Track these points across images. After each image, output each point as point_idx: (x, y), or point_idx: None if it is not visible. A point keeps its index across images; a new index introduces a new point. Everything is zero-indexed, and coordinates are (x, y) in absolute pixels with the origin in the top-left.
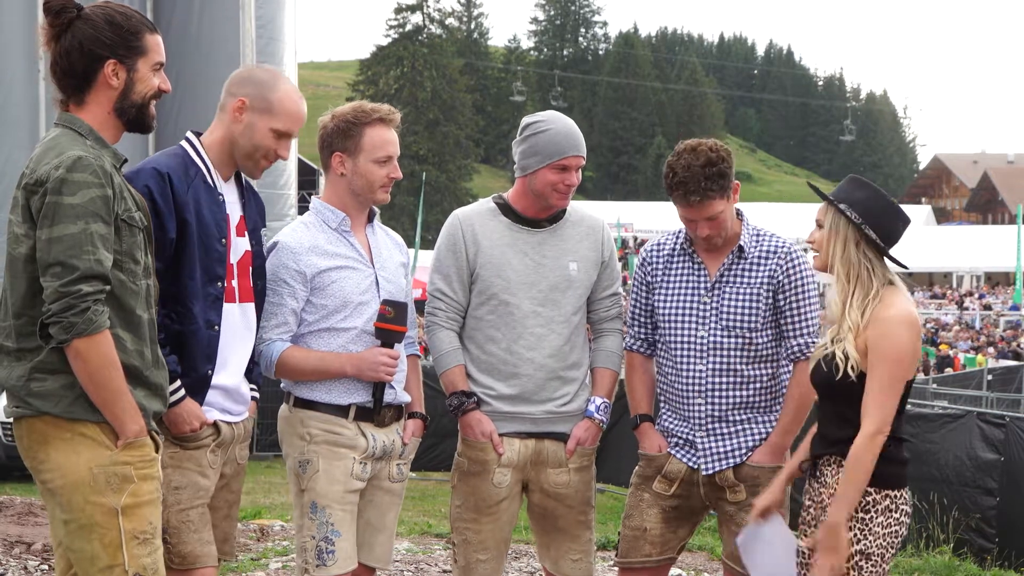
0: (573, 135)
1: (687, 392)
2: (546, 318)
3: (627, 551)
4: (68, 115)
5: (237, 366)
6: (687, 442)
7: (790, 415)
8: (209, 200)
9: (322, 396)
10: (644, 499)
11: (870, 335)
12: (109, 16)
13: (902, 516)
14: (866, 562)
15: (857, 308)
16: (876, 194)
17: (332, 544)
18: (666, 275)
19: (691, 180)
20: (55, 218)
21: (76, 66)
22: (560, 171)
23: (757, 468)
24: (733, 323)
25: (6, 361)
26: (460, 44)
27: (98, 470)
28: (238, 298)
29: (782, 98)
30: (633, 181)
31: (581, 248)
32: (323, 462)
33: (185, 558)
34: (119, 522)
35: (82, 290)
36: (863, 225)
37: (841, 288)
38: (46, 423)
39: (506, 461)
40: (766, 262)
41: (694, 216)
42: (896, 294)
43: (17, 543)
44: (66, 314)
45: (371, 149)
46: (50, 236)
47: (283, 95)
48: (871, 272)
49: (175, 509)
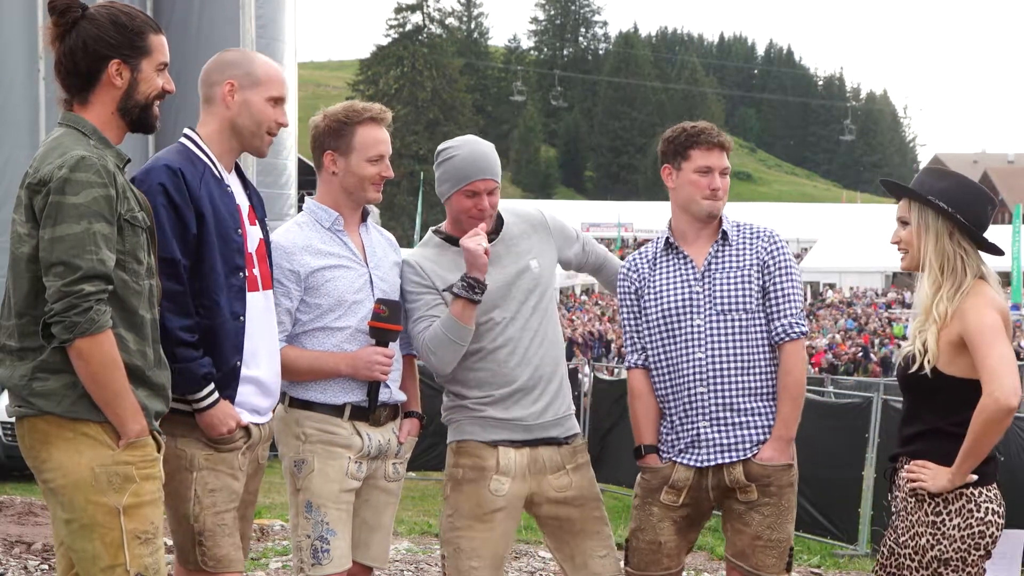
0: (480, 159)
1: (690, 384)
2: (521, 324)
3: (645, 565)
4: (72, 115)
5: (267, 355)
6: (693, 442)
7: (788, 404)
8: (220, 192)
9: (317, 396)
10: (654, 513)
11: (959, 326)
12: (114, 16)
13: (987, 515)
14: (945, 568)
15: (947, 300)
16: (960, 181)
17: (327, 543)
18: (652, 275)
19: (711, 128)
20: (58, 217)
21: (80, 65)
22: (470, 196)
23: (769, 467)
24: (727, 307)
25: (8, 360)
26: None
27: (100, 470)
28: (261, 286)
29: (782, 98)
30: (633, 181)
31: (534, 244)
32: (318, 461)
33: (220, 561)
34: (120, 522)
35: (84, 290)
36: (956, 214)
37: (933, 280)
38: (48, 422)
39: (504, 468)
40: (752, 245)
41: (715, 163)
42: (985, 287)
43: (17, 543)
44: (68, 313)
45: (363, 148)
46: (53, 235)
47: (263, 64)
48: (965, 263)
49: (211, 512)
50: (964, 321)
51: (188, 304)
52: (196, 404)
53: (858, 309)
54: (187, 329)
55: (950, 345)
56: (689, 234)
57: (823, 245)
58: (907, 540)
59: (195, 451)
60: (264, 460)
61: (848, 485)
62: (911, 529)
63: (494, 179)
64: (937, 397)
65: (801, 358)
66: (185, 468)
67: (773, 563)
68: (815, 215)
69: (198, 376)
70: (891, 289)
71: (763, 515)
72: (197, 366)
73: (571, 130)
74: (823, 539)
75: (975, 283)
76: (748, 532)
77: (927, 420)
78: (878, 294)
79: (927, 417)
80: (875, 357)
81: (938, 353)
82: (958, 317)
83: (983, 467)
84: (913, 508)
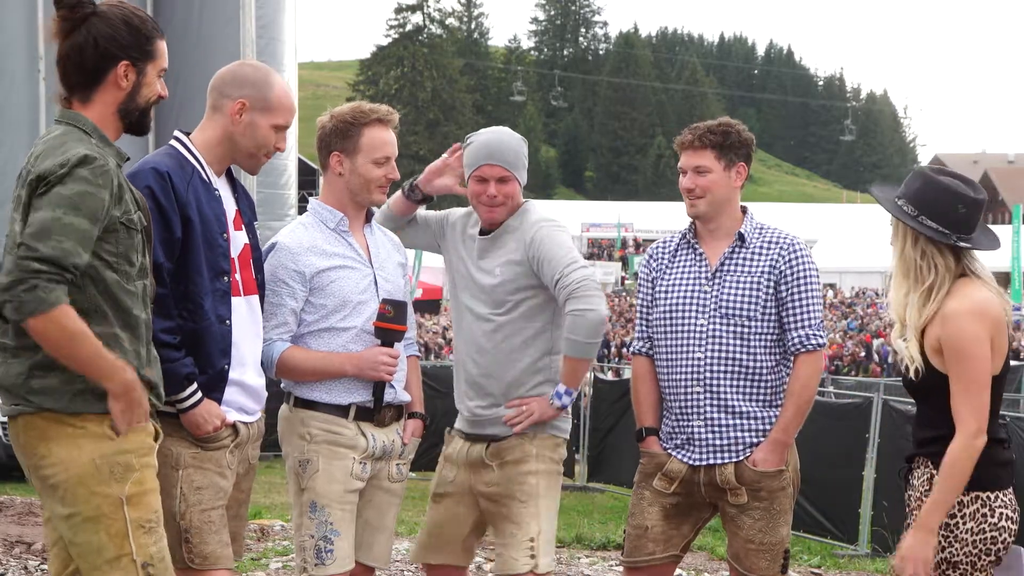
0: (492, 145)
1: (687, 382)
2: (475, 318)
3: (631, 550)
4: (72, 112)
5: (251, 359)
6: (687, 440)
7: (791, 410)
8: (207, 196)
9: (322, 396)
10: (645, 497)
11: (940, 334)
12: (127, 17)
13: (1001, 520)
14: (953, 571)
15: (916, 306)
16: (928, 180)
17: (331, 543)
18: (669, 268)
19: (695, 129)
20: (38, 204)
21: (88, 63)
22: (479, 182)
23: (759, 473)
24: (732, 311)
25: (2, 358)
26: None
27: (101, 461)
28: (243, 291)
29: (782, 98)
30: (633, 181)
31: (508, 253)
32: (323, 461)
33: (207, 558)
34: (124, 512)
35: (33, 266)
36: (919, 218)
37: (897, 284)
38: (46, 419)
39: (446, 455)
40: (767, 252)
41: (684, 163)
42: (968, 285)
43: (17, 543)
44: (15, 290)
45: (369, 149)
46: (29, 221)
47: (280, 91)
48: (931, 266)
49: (197, 509)
50: (944, 330)
51: (170, 307)
52: (179, 404)
53: (858, 309)
54: (168, 331)
55: (934, 350)
56: (704, 232)
57: (823, 245)
58: None
59: (181, 449)
60: (255, 460)
61: (848, 485)
62: None
63: (502, 166)
64: (942, 398)
65: (816, 370)
66: (171, 466)
67: (766, 566)
68: (815, 215)
69: (180, 376)
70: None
71: (754, 519)
72: (179, 366)
73: (571, 130)
74: (823, 539)
75: (959, 282)
76: (740, 535)
77: (938, 424)
78: (878, 294)
79: (937, 419)
80: (876, 357)
81: (923, 359)
82: (940, 322)
83: (999, 470)
84: None
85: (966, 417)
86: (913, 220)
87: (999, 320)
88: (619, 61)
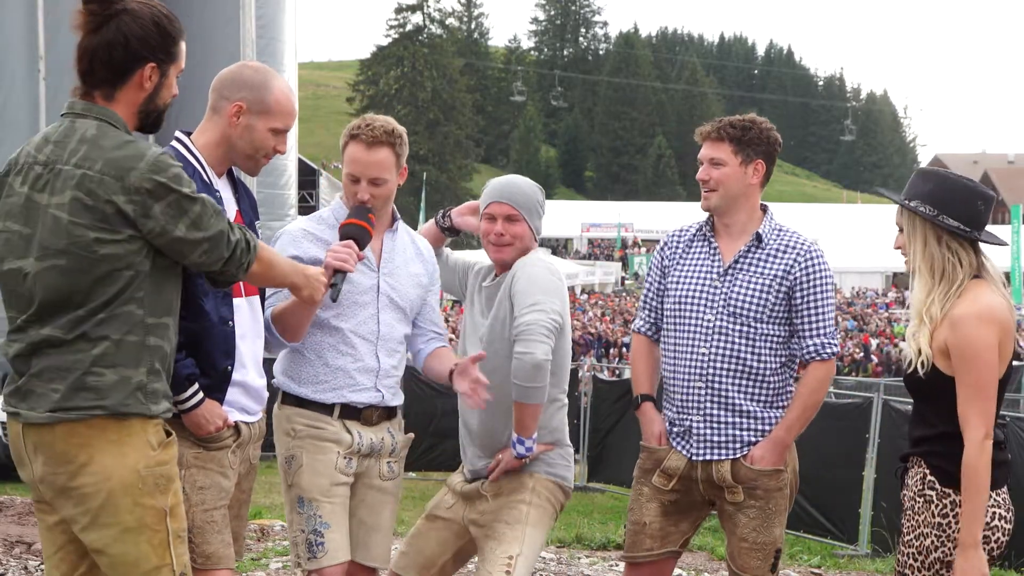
0: (502, 184)
1: (688, 376)
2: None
3: (629, 546)
4: (103, 108)
5: (252, 360)
6: (685, 431)
7: (796, 412)
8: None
9: (309, 394)
10: (644, 493)
11: (948, 337)
12: (157, 18)
13: (994, 520)
14: (947, 571)
15: (938, 302)
16: (943, 180)
17: (321, 536)
18: (683, 259)
19: (718, 120)
20: (181, 206)
21: (116, 61)
22: (488, 220)
23: (756, 472)
24: (740, 310)
25: (57, 352)
26: (460, 44)
27: (146, 472)
28: (244, 292)
29: (782, 98)
30: (633, 181)
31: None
32: (307, 456)
33: (209, 558)
34: (167, 523)
35: (233, 238)
36: (939, 216)
37: (923, 283)
38: (91, 427)
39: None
40: (783, 255)
41: (702, 153)
42: (979, 287)
43: (17, 543)
44: (235, 256)
45: (347, 163)
46: (188, 222)
47: (279, 94)
48: (957, 265)
49: (200, 509)
50: (954, 333)
51: None
52: (181, 405)
53: (858, 309)
54: None
55: (940, 351)
56: (721, 227)
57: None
58: (912, 539)
59: (184, 450)
60: (256, 460)
61: (848, 485)
62: (916, 529)
63: (510, 204)
64: (941, 399)
65: (828, 376)
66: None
67: (758, 565)
68: (815, 215)
69: (181, 377)
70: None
71: (749, 517)
72: (180, 367)
73: (571, 130)
74: (823, 539)
75: (970, 283)
76: (736, 534)
77: (933, 423)
78: (878, 294)
79: (933, 419)
80: (875, 358)
81: (932, 356)
82: (948, 325)
83: (993, 471)
84: (921, 508)
85: (974, 422)
86: (935, 219)
87: (1007, 325)
88: (619, 61)
